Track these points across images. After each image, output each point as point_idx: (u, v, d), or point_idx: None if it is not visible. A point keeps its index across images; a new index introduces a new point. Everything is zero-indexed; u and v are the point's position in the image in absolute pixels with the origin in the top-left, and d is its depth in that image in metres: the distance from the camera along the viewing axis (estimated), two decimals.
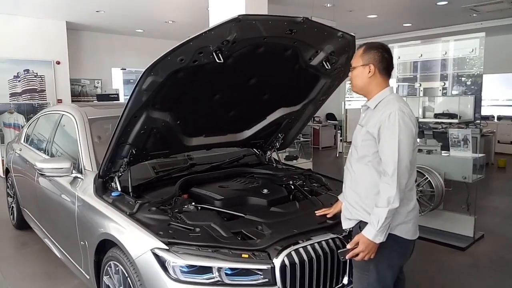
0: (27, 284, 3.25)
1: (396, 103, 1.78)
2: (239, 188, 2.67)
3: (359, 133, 1.88)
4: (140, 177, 2.61)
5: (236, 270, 1.84)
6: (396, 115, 1.72)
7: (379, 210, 1.71)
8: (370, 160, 1.82)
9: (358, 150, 1.88)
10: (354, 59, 1.91)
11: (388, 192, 1.70)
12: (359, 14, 7.86)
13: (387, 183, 1.71)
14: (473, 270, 3.49)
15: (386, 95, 1.84)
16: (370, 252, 1.76)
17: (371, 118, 1.83)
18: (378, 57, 1.85)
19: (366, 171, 1.85)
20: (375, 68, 1.84)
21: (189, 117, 2.53)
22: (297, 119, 3.07)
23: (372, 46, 1.88)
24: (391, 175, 1.69)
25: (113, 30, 9.24)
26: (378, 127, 1.76)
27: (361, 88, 1.91)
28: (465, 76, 5.29)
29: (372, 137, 1.79)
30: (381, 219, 1.69)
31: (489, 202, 5.60)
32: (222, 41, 1.96)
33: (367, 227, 1.75)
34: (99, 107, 3.62)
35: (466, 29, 8.50)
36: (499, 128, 9.49)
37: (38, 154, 3.69)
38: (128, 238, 2.07)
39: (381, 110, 1.79)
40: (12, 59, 7.61)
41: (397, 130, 1.70)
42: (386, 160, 1.73)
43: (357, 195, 1.88)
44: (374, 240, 1.72)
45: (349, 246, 1.81)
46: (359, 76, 1.88)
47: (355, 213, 1.88)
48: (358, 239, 1.77)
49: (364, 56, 1.86)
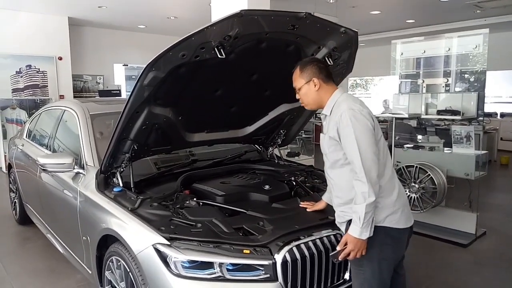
0: (30, 279, 3.27)
1: (344, 103, 1.83)
2: (240, 184, 2.67)
3: (324, 141, 1.94)
4: (142, 173, 2.61)
5: (238, 266, 1.85)
6: (346, 114, 1.78)
7: (358, 207, 1.74)
8: (343, 162, 1.86)
9: (328, 157, 1.93)
10: (296, 82, 1.96)
11: (361, 188, 1.73)
12: (362, 10, 7.82)
13: (358, 180, 1.74)
14: (475, 267, 3.49)
15: (336, 99, 1.90)
16: (360, 249, 1.78)
17: (329, 124, 1.89)
18: (316, 69, 1.91)
19: (342, 174, 1.89)
20: (318, 80, 1.90)
21: (190, 113, 2.53)
22: (299, 115, 3.06)
23: (306, 62, 1.96)
24: (359, 172, 1.73)
25: (115, 25, 9.23)
26: (336, 130, 1.82)
27: (314, 103, 1.96)
28: (468, 72, 5.27)
29: (335, 141, 1.85)
30: (361, 215, 1.72)
31: (492, 199, 5.58)
32: (224, 37, 1.95)
33: (352, 226, 1.77)
34: (101, 103, 3.62)
35: (469, 25, 8.44)
36: (502, 125, 9.45)
37: (40, 149, 3.69)
38: (130, 233, 2.07)
39: (335, 113, 1.86)
40: (14, 54, 7.62)
41: (351, 128, 1.75)
42: (351, 158, 1.77)
43: (342, 199, 1.91)
44: (360, 237, 1.74)
45: (338, 247, 1.83)
46: (308, 94, 1.94)
47: (346, 215, 1.90)
48: (346, 239, 1.80)
49: (303, 75, 1.92)
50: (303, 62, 1.97)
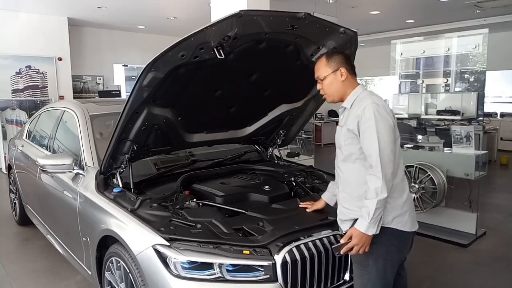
0: (30, 280, 3.27)
1: (369, 97, 1.81)
2: (240, 184, 2.66)
3: (341, 134, 1.91)
4: (141, 174, 2.61)
5: (237, 267, 1.85)
6: (370, 108, 1.75)
7: (369, 201, 1.72)
8: (357, 157, 1.84)
9: (342, 150, 1.90)
10: (320, 70, 1.91)
11: (375, 183, 1.71)
12: (361, 10, 7.82)
13: (373, 175, 1.73)
14: (475, 267, 3.48)
15: (359, 93, 1.88)
16: (364, 245, 1.75)
17: (349, 117, 1.87)
18: (343, 59, 1.88)
19: (354, 170, 1.86)
20: (346, 70, 1.87)
21: (190, 113, 2.53)
22: (299, 115, 3.06)
23: (333, 52, 1.93)
24: (375, 166, 1.72)
25: (115, 26, 9.23)
26: (357, 123, 1.79)
27: (338, 94, 1.92)
28: (468, 72, 5.26)
29: (353, 134, 1.82)
30: (371, 210, 1.70)
31: (492, 199, 5.58)
32: (223, 37, 1.95)
33: (359, 220, 1.75)
34: (100, 104, 3.62)
35: (469, 25, 8.44)
36: (502, 125, 9.45)
37: (40, 150, 3.69)
38: (130, 234, 2.07)
39: (356, 107, 1.83)
40: (14, 55, 7.62)
41: (374, 122, 1.73)
42: (369, 152, 1.75)
43: (349, 195, 1.89)
44: (366, 232, 1.72)
45: (342, 240, 1.80)
46: (332, 83, 1.89)
47: (350, 213, 1.87)
48: (351, 233, 1.78)
49: (330, 64, 1.88)
50: (329, 52, 1.92)
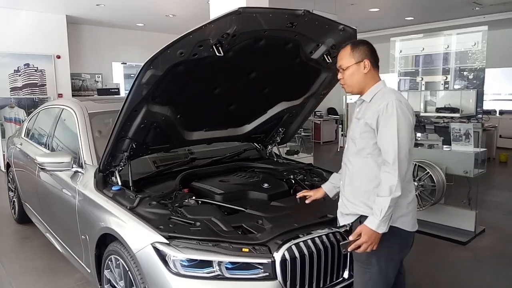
0: (29, 278, 3.27)
1: (392, 94, 1.78)
2: (239, 182, 2.66)
3: (357, 126, 1.86)
4: (140, 171, 2.61)
5: (237, 264, 1.85)
6: (394, 105, 1.72)
7: (382, 199, 1.70)
8: (370, 152, 1.81)
9: (356, 143, 1.86)
10: (343, 60, 1.86)
11: (390, 181, 1.69)
12: (361, 7, 7.81)
13: (388, 172, 1.70)
14: (474, 264, 3.49)
15: (380, 88, 1.84)
16: (373, 243, 1.73)
17: (367, 110, 1.82)
18: (369, 51, 1.84)
19: (365, 165, 1.83)
20: (369, 63, 1.83)
21: (189, 111, 2.52)
22: (298, 113, 3.06)
23: (359, 42, 1.86)
24: (392, 164, 1.69)
25: (114, 24, 9.20)
26: (376, 118, 1.76)
27: (358, 86, 1.87)
28: (467, 70, 5.25)
29: (371, 128, 1.78)
30: (384, 208, 1.68)
31: (491, 197, 5.59)
32: (222, 34, 1.95)
33: (370, 218, 1.73)
34: (99, 101, 3.61)
35: (468, 22, 8.43)
36: (501, 122, 9.45)
37: (38, 148, 3.68)
38: (129, 232, 2.07)
39: (378, 102, 1.79)
40: (12, 53, 7.59)
41: (396, 119, 1.70)
42: (386, 149, 1.72)
43: (356, 189, 1.86)
44: (377, 230, 1.71)
45: (351, 237, 1.77)
46: (354, 74, 1.85)
47: (354, 208, 1.86)
48: (361, 230, 1.75)
49: (354, 54, 1.83)
50: (355, 41, 1.88)
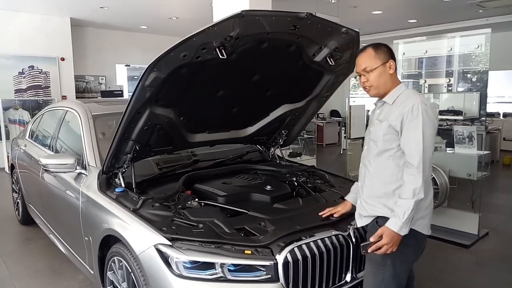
0: (32, 279, 3.28)
1: (417, 96, 1.78)
2: (242, 184, 2.67)
3: (380, 128, 1.84)
4: (143, 173, 2.61)
5: (239, 266, 1.85)
6: (419, 108, 1.72)
7: (405, 201, 1.70)
8: (392, 154, 1.81)
9: (378, 145, 1.85)
10: (368, 62, 1.83)
11: (414, 184, 1.69)
12: (364, 10, 7.81)
13: (412, 175, 1.70)
14: (477, 267, 3.47)
15: (402, 90, 1.84)
16: (394, 244, 1.73)
17: (391, 112, 1.81)
18: (391, 52, 1.84)
19: (386, 166, 1.83)
20: (394, 63, 1.83)
21: (192, 113, 2.53)
22: (301, 115, 3.06)
23: (379, 44, 1.86)
24: (416, 166, 1.69)
25: (117, 26, 9.25)
26: (401, 120, 1.75)
27: (384, 87, 1.85)
28: (471, 72, 5.25)
29: (394, 130, 1.78)
30: (408, 210, 1.68)
31: (494, 200, 5.56)
32: (225, 37, 1.95)
33: (392, 220, 1.73)
34: (103, 104, 3.63)
35: (472, 25, 8.42)
36: (505, 125, 9.41)
37: (42, 150, 3.70)
38: (132, 234, 2.07)
39: (401, 104, 1.78)
40: (17, 55, 7.65)
41: (421, 122, 1.70)
42: (410, 152, 1.72)
43: (376, 190, 1.86)
44: (399, 232, 1.71)
45: (372, 239, 1.76)
46: (381, 76, 1.83)
47: (373, 209, 1.86)
48: (382, 231, 1.74)
49: (379, 55, 1.82)
50: (375, 44, 1.86)
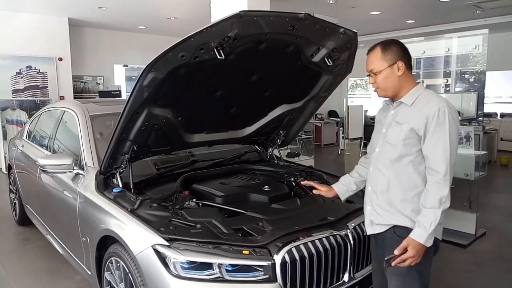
0: (29, 280, 3.27)
1: (441, 98, 1.69)
2: (240, 184, 2.67)
3: (400, 131, 1.73)
4: (141, 174, 2.61)
5: (237, 267, 1.85)
6: (446, 111, 1.63)
7: (430, 211, 1.62)
8: (411, 159, 1.71)
9: (397, 149, 1.73)
10: (374, 63, 1.75)
11: (440, 192, 1.62)
12: (362, 10, 7.83)
13: (438, 183, 1.63)
14: (474, 267, 3.48)
15: (421, 90, 1.75)
16: (419, 257, 1.65)
17: (411, 115, 1.71)
18: (401, 52, 1.74)
19: (405, 172, 1.73)
20: (403, 64, 1.73)
21: (190, 113, 2.53)
22: (299, 116, 3.06)
23: (390, 43, 1.76)
24: (443, 173, 1.62)
25: (115, 26, 9.23)
26: (425, 124, 1.65)
27: (393, 89, 1.76)
28: (468, 73, 5.26)
29: (417, 134, 1.68)
30: (434, 221, 1.61)
31: (491, 200, 5.58)
32: (224, 37, 1.95)
33: (417, 231, 1.64)
34: (100, 104, 3.62)
35: (469, 25, 8.45)
36: (502, 125, 9.45)
37: (40, 150, 3.69)
38: (129, 234, 2.07)
39: (424, 106, 1.68)
40: (14, 55, 7.62)
41: (448, 127, 1.62)
42: (436, 158, 1.63)
43: (393, 197, 1.76)
44: (425, 244, 1.63)
45: (397, 252, 1.66)
46: (389, 78, 1.74)
47: (389, 217, 1.77)
48: (407, 244, 1.65)
49: (386, 56, 1.73)
50: (385, 41, 1.76)
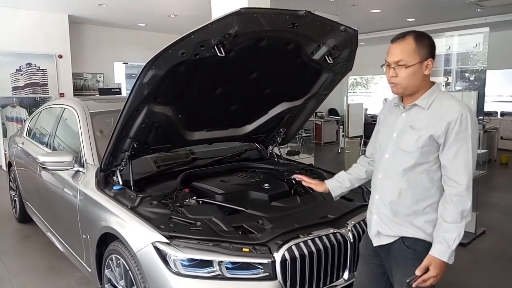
0: (30, 277, 3.27)
1: (461, 102, 1.52)
2: (240, 182, 2.67)
3: (416, 137, 1.55)
4: (141, 171, 2.61)
5: (237, 264, 1.85)
6: (469, 118, 1.47)
7: (452, 226, 1.48)
8: (427, 168, 1.55)
9: (414, 156, 1.56)
10: (405, 54, 1.51)
11: (462, 205, 1.49)
12: (362, 8, 7.81)
13: (461, 195, 1.49)
14: (474, 266, 3.49)
15: (437, 92, 1.56)
16: (441, 275, 1.52)
17: (429, 120, 1.53)
18: (433, 48, 1.52)
19: (419, 181, 1.58)
20: (432, 63, 1.51)
21: (190, 111, 2.53)
22: (299, 114, 3.06)
23: (424, 35, 1.53)
24: (466, 187, 1.49)
25: (115, 24, 9.22)
26: (445, 130, 1.48)
27: (413, 88, 1.55)
28: (469, 71, 5.25)
29: (436, 142, 1.51)
30: (458, 236, 1.48)
31: (491, 198, 5.58)
32: (224, 35, 1.95)
33: (438, 248, 1.50)
34: (101, 101, 3.62)
35: (470, 24, 8.43)
36: (502, 124, 9.45)
37: (40, 147, 3.69)
38: (129, 231, 2.07)
39: (442, 110, 1.51)
40: (14, 52, 7.61)
41: (470, 135, 1.47)
42: (457, 169, 1.49)
43: (405, 208, 1.61)
44: (448, 261, 1.50)
45: (418, 272, 1.52)
46: (415, 75, 1.51)
47: (399, 228, 1.63)
48: (429, 263, 1.51)
49: (420, 50, 1.50)
50: (419, 33, 1.52)
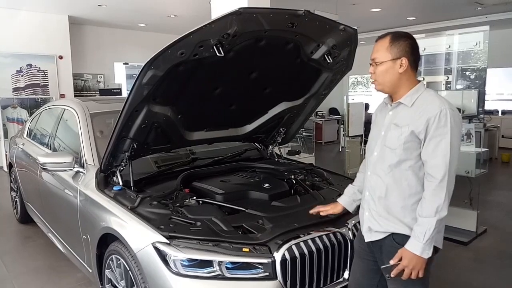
0: (31, 278, 3.28)
1: (442, 99, 1.58)
2: (240, 182, 2.67)
3: (398, 134, 1.62)
4: (141, 172, 2.61)
5: (237, 264, 1.85)
6: (448, 114, 1.52)
7: (425, 220, 1.53)
8: (411, 165, 1.60)
9: (397, 153, 1.61)
10: (379, 53, 1.64)
11: (436, 200, 1.53)
12: (362, 7, 7.80)
13: (435, 190, 1.53)
14: (475, 264, 3.48)
15: (422, 90, 1.63)
16: (417, 268, 1.55)
17: (411, 116, 1.60)
18: (409, 48, 1.62)
19: (404, 178, 1.62)
20: (407, 61, 1.61)
21: (190, 111, 2.53)
22: (299, 113, 3.06)
23: (400, 36, 1.64)
24: (440, 181, 1.52)
25: (116, 24, 9.22)
26: (425, 126, 1.54)
27: (390, 86, 1.65)
28: (469, 70, 5.25)
29: (417, 138, 1.57)
30: (429, 230, 1.52)
31: (492, 197, 5.58)
32: (223, 34, 1.95)
33: (412, 241, 1.55)
34: (101, 102, 3.62)
35: (470, 22, 8.42)
36: (503, 122, 9.43)
37: (40, 148, 3.70)
38: (130, 232, 2.07)
39: (425, 108, 1.57)
40: (15, 53, 7.63)
41: (449, 131, 1.51)
42: (435, 163, 1.53)
43: (393, 204, 1.66)
44: (422, 255, 1.53)
45: (392, 261, 1.58)
46: (388, 72, 1.63)
47: (388, 224, 1.67)
48: (401, 254, 1.57)
49: (392, 49, 1.61)
50: (396, 33, 1.64)
